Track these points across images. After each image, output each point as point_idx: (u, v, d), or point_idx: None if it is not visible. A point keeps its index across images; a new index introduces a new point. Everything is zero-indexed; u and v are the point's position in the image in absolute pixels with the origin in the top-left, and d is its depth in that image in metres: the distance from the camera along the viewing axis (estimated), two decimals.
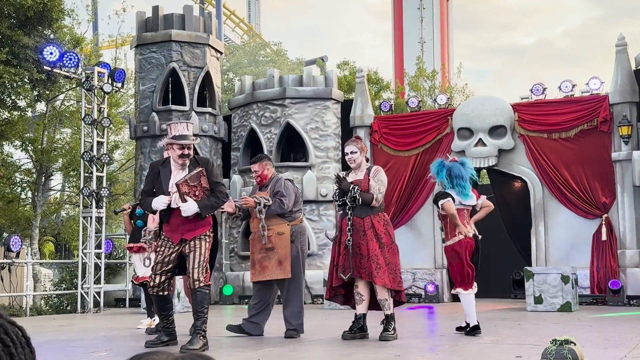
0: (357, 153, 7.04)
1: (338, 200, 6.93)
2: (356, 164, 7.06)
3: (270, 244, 7.22)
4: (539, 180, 14.09)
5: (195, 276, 6.17)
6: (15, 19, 14.03)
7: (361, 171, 7.07)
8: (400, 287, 6.81)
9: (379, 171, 7.07)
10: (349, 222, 6.84)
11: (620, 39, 13.87)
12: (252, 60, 34.32)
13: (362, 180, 6.96)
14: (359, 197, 6.81)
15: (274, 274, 7.26)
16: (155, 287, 6.31)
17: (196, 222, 6.24)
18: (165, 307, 6.46)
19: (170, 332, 6.47)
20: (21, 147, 16.58)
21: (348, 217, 6.86)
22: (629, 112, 13.40)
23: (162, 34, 16.09)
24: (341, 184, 6.87)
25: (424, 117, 15.33)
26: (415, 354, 5.78)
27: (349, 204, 6.84)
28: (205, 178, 6.27)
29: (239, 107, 16.52)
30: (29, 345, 1.36)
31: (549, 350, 4.07)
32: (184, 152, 6.27)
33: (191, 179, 6.17)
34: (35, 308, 13.38)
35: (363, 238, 6.79)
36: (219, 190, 6.36)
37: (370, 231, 6.80)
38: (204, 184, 6.25)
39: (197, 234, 6.26)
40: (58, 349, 6.59)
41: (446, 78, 27.34)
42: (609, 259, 13.21)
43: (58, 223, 20.05)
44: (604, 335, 7.37)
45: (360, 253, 6.77)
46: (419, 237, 14.97)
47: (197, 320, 6.23)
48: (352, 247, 6.78)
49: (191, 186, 6.16)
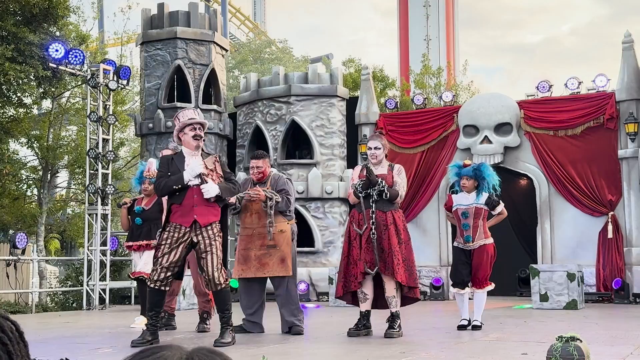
0: (381, 149, 7.06)
1: (362, 192, 6.85)
2: (377, 160, 7.04)
3: (272, 240, 7.20)
4: (544, 178, 14.05)
5: (216, 280, 6.20)
6: (21, 16, 14.04)
7: (382, 167, 7.05)
8: (415, 283, 6.81)
9: (402, 170, 7.10)
10: (372, 215, 6.78)
11: (627, 36, 13.82)
12: (257, 58, 34.33)
13: (387, 175, 6.93)
14: (387, 192, 6.79)
15: (275, 271, 7.22)
16: (158, 282, 6.21)
17: (210, 207, 6.26)
18: (160, 304, 6.39)
19: (155, 331, 6.32)
20: (27, 144, 16.61)
21: (372, 210, 6.81)
22: (635, 109, 13.35)
23: (168, 31, 16.09)
24: (370, 175, 6.81)
25: (430, 115, 15.30)
26: (420, 351, 5.76)
27: (375, 197, 6.80)
28: (220, 165, 6.42)
29: (244, 104, 16.52)
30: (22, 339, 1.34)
31: (555, 347, 4.05)
32: (197, 132, 6.31)
33: (208, 162, 6.32)
34: (41, 305, 13.41)
35: (385, 232, 6.75)
36: (233, 180, 6.49)
37: (392, 226, 6.77)
38: (218, 170, 6.37)
39: (210, 220, 6.26)
40: (63, 345, 6.59)
41: (452, 75, 27.29)
42: (615, 256, 13.17)
43: (64, 220, 20.09)
44: (610, 332, 7.33)
45: (381, 247, 6.74)
46: (424, 235, 14.95)
47: (223, 317, 6.30)
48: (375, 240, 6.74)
49: (209, 170, 6.29)
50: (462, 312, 7.73)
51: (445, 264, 14.57)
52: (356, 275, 6.79)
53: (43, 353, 5.58)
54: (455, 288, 7.75)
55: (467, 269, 7.66)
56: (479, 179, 7.67)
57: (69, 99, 17.74)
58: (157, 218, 8.64)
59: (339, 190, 15.38)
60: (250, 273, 7.26)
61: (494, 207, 7.70)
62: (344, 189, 15.37)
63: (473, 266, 7.64)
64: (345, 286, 6.92)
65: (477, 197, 7.66)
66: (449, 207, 7.95)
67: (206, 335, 7.36)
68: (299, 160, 15.76)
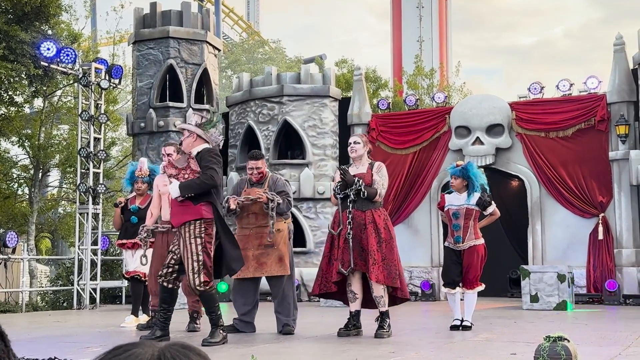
0: (360, 144, 7.06)
1: (340, 193, 6.86)
2: (357, 155, 7.04)
3: (270, 240, 7.22)
4: (536, 179, 14.09)
5: (191, 283, 6.14)
6: (13, 14, 14.00)
7: (363, 165, 7.05)
8: (395, 283, 6.71)
9: (382, 167, 7.07)
10: (349, 215, 6.79)
11: (618, 38, 13.87)
12: (250, 58, 34.31)
13: (365, 174, 6.93)
14: (364, 191, 6.78)
15: (273, 271, 7.25)
16: (160, 277, 6.36)
17: (183, 207, 6.24)
18: (167, 301, 6.45)
19: (164, 327, 6.45)
20: (18, 143, 16.54)
21: (349, 210, 6.81)
22: (626, 111, 13.40)
23: (160, 30, 16.06)
24: (345, 176, 6.82)
25: (422, 115, 15.33)
26: (410, 351, 5.77)
27: (352, 197, 6.80)
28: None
29: (237, 104, 16.50)
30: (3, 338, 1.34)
31: (542, 347, 4.06)
32: (181, 139, 6.57)
33: (179, 161, 6.35)
34: (31, 304, 13.36)
35: (364, 232, 6.75)
36: (204, 172, 6.20)
37: (370, 225, 6.76)
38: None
39: (182, 219, 6.22)
40: (53, 344, 6.57)
41: (444, 77, 27.34)
42: (606, 258, 13.21)
43: (55, 219, 20.02)
44: (599, 333, 7.36)
45: (360, 246, 6.74)
46: (415, 235, 14.97)
47: (212, 319, 6.29)
48: (352, 240, 6.73)
49: (179, 169, 6.26)
50: (455, 312, 7.74)
51: (437, 264, 14.59)
52: (332, 274, 6.80)
53: (32, 352, 5.57)
54: (446, 288, 7.77)
55: (458, 269, 7.68)
56: (467, 178, 7.71)
57: (60, 98, 17.68)
58: None
59: (330, 191, 15.35)
60: (248, 273, 7.28)
61: (485, 207, 7.73)
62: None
63: (464, 267, 7.66)
64: (322, 285, 6.92)
65: (468, 197, 7.69)
66: (441, 207, 7.99)
67: (196, 334, 7.35)
68: (291, 160, 15.76)
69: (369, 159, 7.14)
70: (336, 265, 6.77)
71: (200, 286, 6.13)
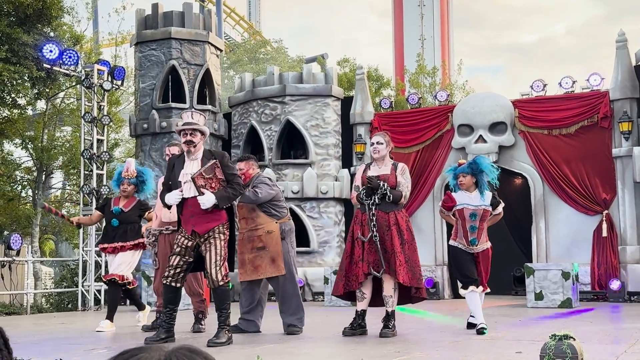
0: (383, 145, 7.02)
1: (367, 199, 6.79)
2: (380, 155, 7.01)
3: (261, 242, 7.24)
4: (539, 177, 14.07)
5: (214, 277, 6.22)
6: (15, 16, 14.02)
7: (385, 166, 7.02)
8: (419, 284, 6.76)
9: (405, 169, 7.07)
10: (373, 217, 6.77)
11: (621, 35, 13.85)
12: (252, 58, 34.29)
13: (389, 175, 6.92)
14: (390, 195, 6.77)
15: (268, 272, 7.27)
16: (169, 277, 6.33)
17: (208, 215, 6.25)
18: (173, 301, 6.46)
19: (169, 329, 6.45)
20: (21, 145, 16.58)
21: (372, 212, 6.79)
22: (629, 108, 13.38)
23: (162, 31, 16.06)
24: (372, 182, 6.79)
25: (424, 114, 15.32)
26: (415, 350, 5.77)
27: (377, 201, 6.78)
28: (220, 170, 6.32)
29: (239, 104, 16.51)
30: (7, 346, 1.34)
31: (548, 346, 4.06)
32: (187, 138, 6.36)
33: (206, 171, 6.22)
34: (36, 306, 13.38)
35: (387, 233, 6.75)
36: (235, 182, 6.38)
37: (394, 227, 6.76)
38: (219, 175, 6.29)
39: (209, 227, 6.27)
40: (57, 346, 6.58)
41: (446, 75, 27.32)
42: (610, 255, 13.19)
43: (58, 221, 20.04)
44: (604, 331, 7.35)
45: (384, 248, 6.74)
46: (419, 234, 14.89)
47: (221, 316, 6.30)
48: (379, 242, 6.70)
49: (207, 178, 6.22)
50: (477, 315, 7.14)
51: (441, 263, 14.58)
52: (358, 275, 6.79)
53: (38, 354, 5.58)
54: (470, 287, 7.18)
55: (475, 268, 7.35)
56: (476, 174, 7.36)
57: (63, 100, 17.71)
58: (136, 221, 8.43)
59: (334, 190, 15.38)
60: (247, 276, 7.36)
61: (495, 207, 7.51)
62: (339, 188, 15.38)
63: (478, 270, 7.44)
64: (347, 285, 6.92)
65: (482, 197, 7.32)
66: (449, 206, 7.50)
67: (201, 335, 7.35)
68: (294, 160, 15.76)
69: (390, 159, 7.13)
70: (362, 266, 6.74)
71: (222, 280, 6.23)
